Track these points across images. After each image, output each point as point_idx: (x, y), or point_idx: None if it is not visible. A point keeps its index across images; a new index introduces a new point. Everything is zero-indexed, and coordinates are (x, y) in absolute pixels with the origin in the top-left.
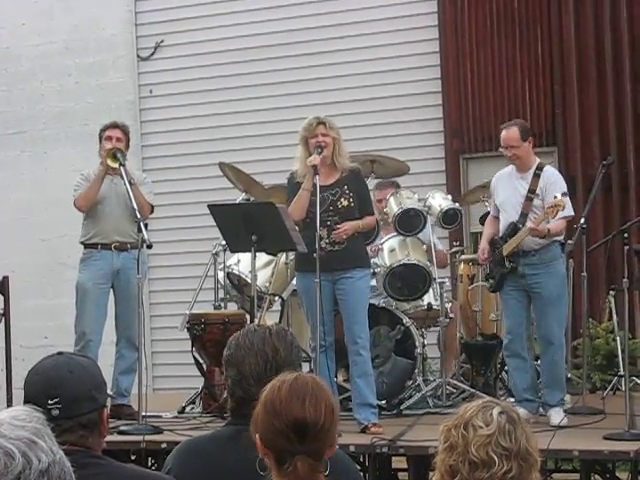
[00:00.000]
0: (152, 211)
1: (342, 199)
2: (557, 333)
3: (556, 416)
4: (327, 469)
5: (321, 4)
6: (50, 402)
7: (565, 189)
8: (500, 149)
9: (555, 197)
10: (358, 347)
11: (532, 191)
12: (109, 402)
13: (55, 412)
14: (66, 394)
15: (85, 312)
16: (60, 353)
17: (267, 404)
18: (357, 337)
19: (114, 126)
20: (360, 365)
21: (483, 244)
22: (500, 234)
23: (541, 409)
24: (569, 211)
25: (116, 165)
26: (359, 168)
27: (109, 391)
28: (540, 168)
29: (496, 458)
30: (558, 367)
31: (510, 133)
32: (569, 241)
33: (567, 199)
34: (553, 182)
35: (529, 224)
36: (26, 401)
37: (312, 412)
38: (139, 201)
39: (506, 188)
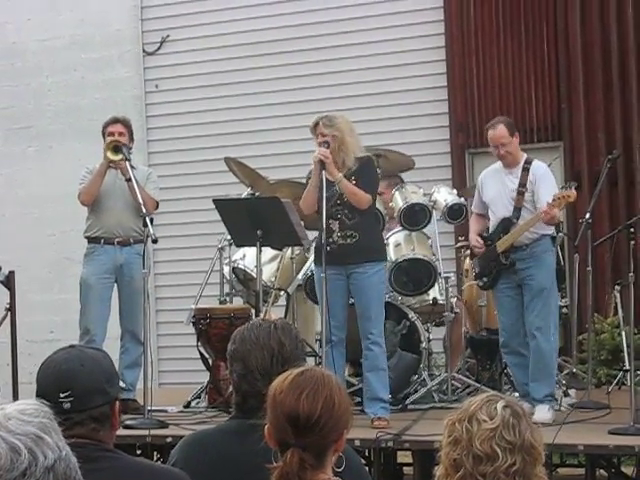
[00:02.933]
0: (157, 207)
1: None
2: (544, 326)
3: (539, 413)
4: (342, 465)
5: None
6: (62, 395)
7: (549, 179)
8: (490, 149)
9: (564, 187)
10: (369, 342)
11: (523, 185)
12: None
13: (67, 405)
14: (78, 387)
15: (89, 307)
16: (72, 346)
17: (271, 395)
18: (369, 333)
19: (114, 121)
20: (371, 360)
21: (474, 237)
22: (491, 230)
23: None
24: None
25: (117, 158)
26: (369, 156)
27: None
28: (528, 162)
29: (500, 452)
30: (545, 360)
31: (499, 131)
32: (559, 234)
33: (554, 190)
34: (542, 174)
35: (540, 210)
36: (38, 394)
37: (306, 406)
38: (138, 197)
39: (495, 184)
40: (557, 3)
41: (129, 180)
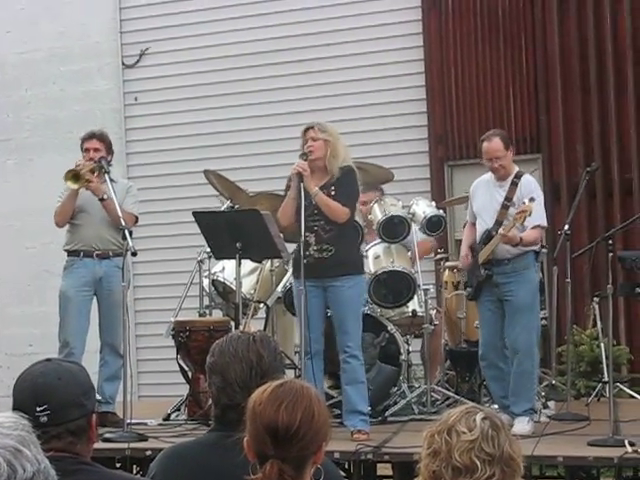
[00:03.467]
0: (136, 221)
1: None
2: (525, 342)
3: (518, 425)
4: (320, 477)
5: (304, 12)
6: (38, 409)
7: (536, 196)
8: (483, 161)
9: (523, 203)
10: (346, 356)
11: (509, 199)
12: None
13: (43, 419)
14: (54, 401)
15: (68, 320)
16: (49, 360)
17: (250, 407)
18: (345, 346)
19: (90, 136)
20: (349, 372)
21: (464, 249)
22: (477, 241)
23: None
24: (541, 220)
25: (77, 186)
26: (349, 166)
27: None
28: (518, 177)
29: (479, 463)
30: (526, 376)
31: (494, 144)
32: (543, 249)
33: (540, 208)
34: (530, 192)
35: (500, 231)
36: (14, 408)
37: (285, 417)
38: (115, 214)
39: (483, 195)
40: (535, 14)
41: (102, 200)
